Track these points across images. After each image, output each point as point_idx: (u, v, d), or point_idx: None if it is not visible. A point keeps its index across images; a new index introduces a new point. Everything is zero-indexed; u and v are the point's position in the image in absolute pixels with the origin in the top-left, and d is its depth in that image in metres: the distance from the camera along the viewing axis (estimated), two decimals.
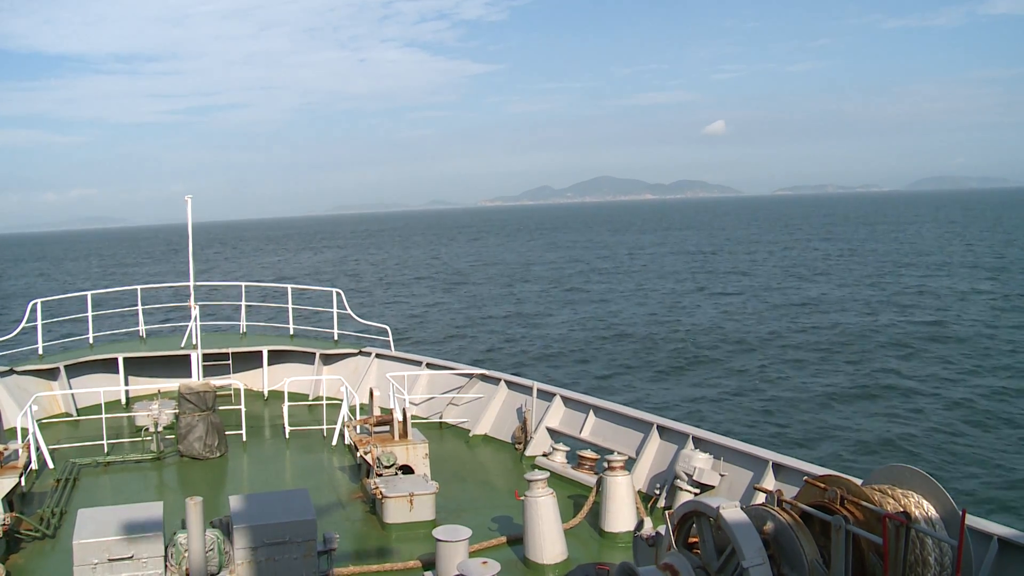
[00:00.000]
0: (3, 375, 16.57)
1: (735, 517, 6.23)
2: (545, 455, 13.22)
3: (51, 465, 13.47)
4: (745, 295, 54.60)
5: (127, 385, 17.39)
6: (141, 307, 19.95)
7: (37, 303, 17.98)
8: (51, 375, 17.14)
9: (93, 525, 7.85)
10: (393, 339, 18.87)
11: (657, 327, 42.75)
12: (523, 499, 9.48)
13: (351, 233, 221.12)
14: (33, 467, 12.95)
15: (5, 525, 9.95)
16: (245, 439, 14.99)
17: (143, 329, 19.93)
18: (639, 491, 11.30)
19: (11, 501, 10.88)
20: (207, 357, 17.16)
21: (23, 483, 11.52)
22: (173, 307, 30.70)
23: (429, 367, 16.85)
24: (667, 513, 7.23)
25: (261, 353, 18.18)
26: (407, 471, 11.78)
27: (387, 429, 12.49)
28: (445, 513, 10.93)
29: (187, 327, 16.72)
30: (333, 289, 19.74)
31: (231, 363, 18.20)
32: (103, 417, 14.57)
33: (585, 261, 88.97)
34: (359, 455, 12.22)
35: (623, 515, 10.26)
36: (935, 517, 6.28)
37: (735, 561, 6.13)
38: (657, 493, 11.39)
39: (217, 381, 16.06)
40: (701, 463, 10.69)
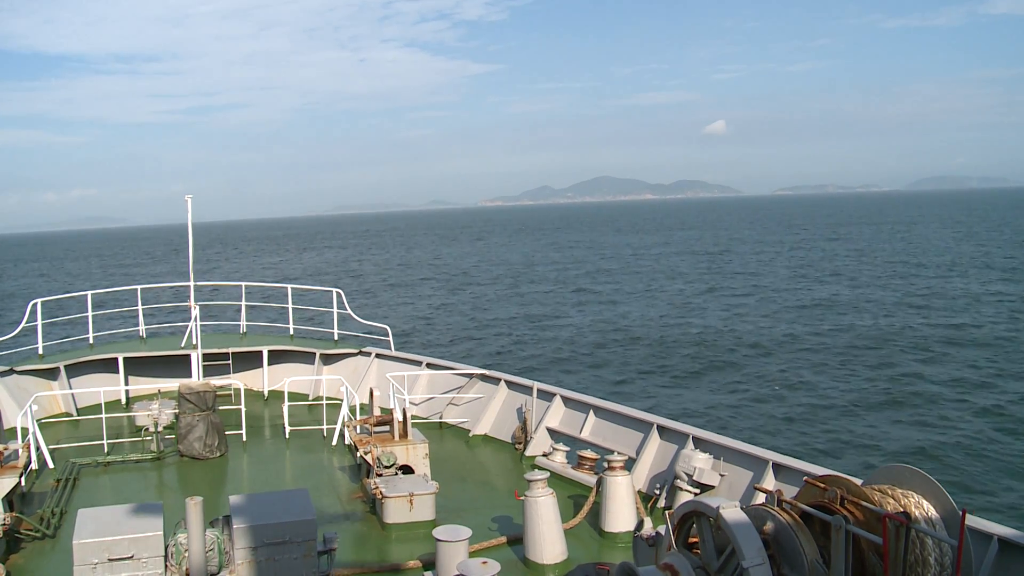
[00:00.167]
0: (3, 375, 16.56)
1: (735, 517, 6.23)
2: (545, 455, 13.21)
3: (51, 465, 13.47)
4: (748, 295, 54.64)
5: (127, 385, 17.39)
6: (141, 307, 19.96)
7: (37, 303, 17.97)
8: (51, 375, 17.14)
9: (93, 525, 7.85)
10: (396, 341, 18.86)
11: (657, 328, 42.79)
12: (523, 499, 9.48)
13: (352, 233, 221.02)
14: (33, 467, 12.95)
15: (5, 525, 9.95)
16: (245, 439, 14.99)
17: (143, 329, 19.93)
18: (639, 491, 11.29)
19: (11, 501, 10.89)
20: (207, 357, 17.17)
21: (23, 483, 11.52)
22: (173, 307, 30.69)
23: (429, 367, 16.85)
24: (667, 513, 7.23)
25: (261, 353, 18.18)
26: (407, 471, 11.78)
27: (387, 429, 12.50)
28: (445, 513, 10.93)
29: (187, 327, 16.73)
30: (333, 289, 19.73)
31: (231, 363, 18.21)
32: (103, 417, 14.57)
33: (590, 262, 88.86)
34: (359, 455, 12.22)
35: (623, 515, 10.25)
36: (935, 517, 6.28)
37: (735, 561, 6.12)
38: (657, 493, 11.39)
39: (217, 381, 16.07)
40: (701, 463, 10.70)
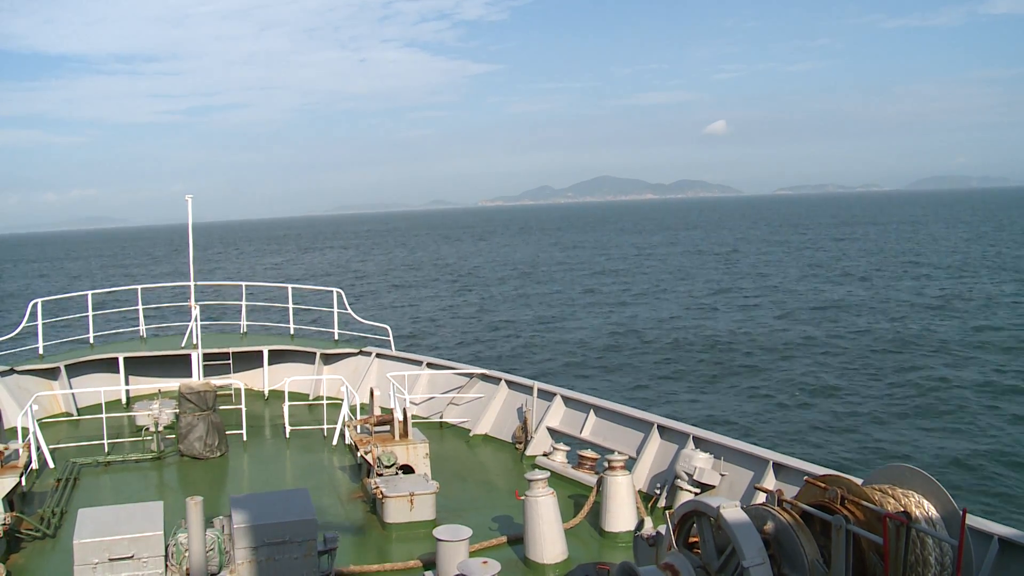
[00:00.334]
0: (3, 375, 16.56)
1: (735, 517, 6.23)
2: (545, 455, 13.20)
3: (51, 465, 13.47)
4: (758, 296, 54.47)
5: (127, 385, 17.38)
6: (141, 307, 19.95)
7: (37, 303, 17.97)
8: (51, 375, 17.14)
9: (93, 525, 7.85)
10: (400, 344, 18.84)
11: (668, 330, 42.68)
12: (523, 499, 9.47)
13: (353, 233, 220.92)
14: (33, 467, 12.94)
15: (5, 525, 9.95)
16: (245, 439, 14.98)
17: (143, 329, 19.93)
18: (639, 491, 11.28)
19: (11, 501, 10.89)
20: (207, 357, 17.17)
21: (23, 483, 11.52)
22: (173, 307, 30.71)
23: (429, 367, 16.84)
24: (667, 513, 7.24)
25: (261, 353, 18.18)
26: (407, 471, 11.78)
27: (387, 429, 12.49)
28: (445, 513, 10.92)
29: (188, 327, 16.72)
30: (333, 289, 19.72)
31: (231, 363, 18.21)
32: (103, 417, 14.56)
33: (595, 262, 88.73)
34: (359, 455, 12.22)
35: (623, 515, 10.24)
36: (935, 517, 6.27)
37: (735, 561, 6.12)
38: (657, 493, 11.38)
39: (217, 381, 16.06)
40: (701, 463, 10.69)
